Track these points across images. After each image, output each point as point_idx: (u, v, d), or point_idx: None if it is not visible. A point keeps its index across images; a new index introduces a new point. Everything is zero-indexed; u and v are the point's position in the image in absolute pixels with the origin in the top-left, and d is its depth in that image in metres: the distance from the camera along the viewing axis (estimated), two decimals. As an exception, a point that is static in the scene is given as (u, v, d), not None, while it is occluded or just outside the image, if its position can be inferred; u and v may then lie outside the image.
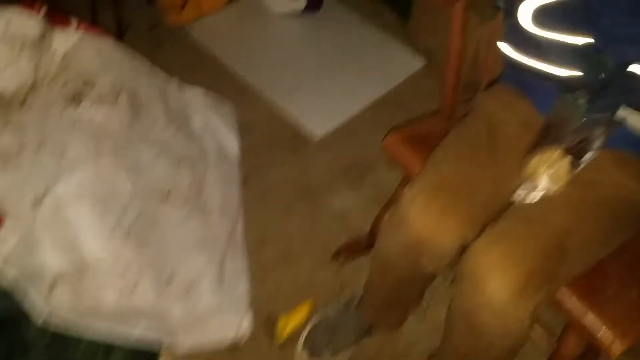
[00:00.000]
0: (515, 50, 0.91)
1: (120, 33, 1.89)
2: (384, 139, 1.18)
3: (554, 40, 0.82)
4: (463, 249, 0.92)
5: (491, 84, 1.14)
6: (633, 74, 0.77)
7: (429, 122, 1.20)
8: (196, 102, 1.57)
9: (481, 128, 1.00)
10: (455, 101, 1.17)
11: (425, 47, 1.94)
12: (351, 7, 2.12)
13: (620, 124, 0.79)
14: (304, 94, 1.85)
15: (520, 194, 0.84)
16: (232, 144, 1.57)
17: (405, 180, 1.18)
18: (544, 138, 0.82)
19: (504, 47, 0.92)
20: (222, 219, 1.35)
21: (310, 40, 2.05)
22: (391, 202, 1.28)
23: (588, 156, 0.78)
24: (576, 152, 0.78)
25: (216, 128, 1.56)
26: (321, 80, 1.90)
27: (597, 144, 0.78)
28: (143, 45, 1.86)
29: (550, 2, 0.81)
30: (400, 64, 1.95)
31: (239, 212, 1.44)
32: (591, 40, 0.79)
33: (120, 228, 1.17)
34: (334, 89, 1.88)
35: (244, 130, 1.66)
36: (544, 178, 0.79)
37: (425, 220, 0.92)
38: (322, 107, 1.82)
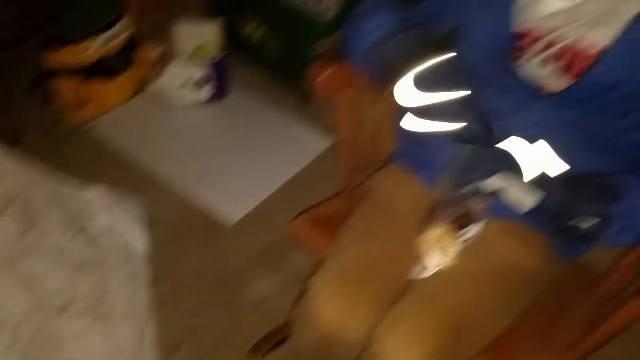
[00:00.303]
0: (409, 121, 0.92)
1: (15, 138, 1.81)
2: (290, 224, 1.17)
3: (438, 99, 0.83)
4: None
5: (387, 162, 1.17)
6: (504, 150, 0.80)
7: (333, 204, 1.21)
8: (99, 201, 1.52)
9: (378, 209, 1.01)
10: (356, 181, 1.19)
11: (329, 127, 1.99)
12: (257, 92, 2.16)
13: (496, 194, 0.81)
14: (214, 181, 1.84)
15: (415, 271, 0.85)
16: (139, 241, 1.51)
17: (317, 265, 1.16)
18: (433, 214, 0.83)
19: (400, 120, 0.94)
20: (129, 324, 1.27)
21: (218, 127, 2.06)
22: (303, 291, 1.26)
23: (474, 229, 0.80)
24: (461, 226, 0.80)
25: (121, 226, 1.50)
26: (231, 165, 1.90)
27: (479, 216, 0.80)
28: (43, 147, 1.81)
29: (425, 68, 0.82)
30: (308, 144, 1.99)
31: (148, 315, 1.37)
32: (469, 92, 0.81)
33: (14, 351, 1.08)
34: (244, 173, 1.87)
35: (154, 225, 1.61)
36: (435, 254, 0.80)
37: (333, 313, 0.91)
38: (234, 192, 1.81)
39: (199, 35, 2.08)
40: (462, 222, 0.80)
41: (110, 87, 1.99)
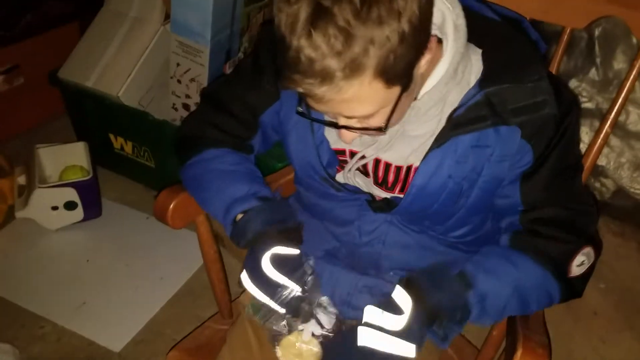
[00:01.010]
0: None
1: None
2: (167, 356, 1.12)
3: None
4: None
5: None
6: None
7: (210, 328, 1.18)
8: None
9: (245, 331, 1.01)
10: (229, 300, 1.17)
11: (214, 232, 1.97)
12: (133, 206, 2.11)
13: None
14: (93, 309, 1.74)
15: None
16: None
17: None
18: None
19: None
20: None
21: (95, 247, 1.98)
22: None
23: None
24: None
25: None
26: (112, 287, 1.82)
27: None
28: None
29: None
30: (191, 253, 1.95)
31: None
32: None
33: None
34: (126, 294, 1.80)
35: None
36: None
37: None
38: (116, 318, 1.72)
39: (66, 158, 2.03)
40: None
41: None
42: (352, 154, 0.89)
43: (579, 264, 0.86)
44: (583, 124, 2.00)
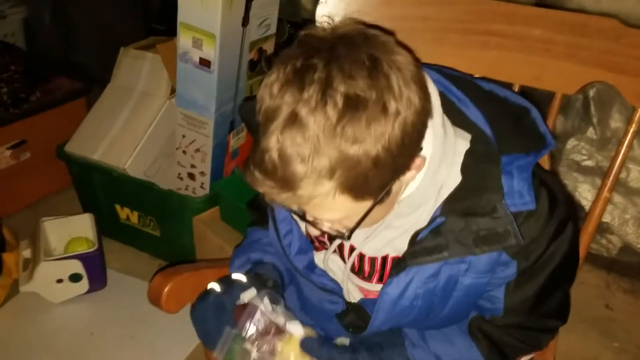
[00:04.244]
0: None
1: None
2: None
3: None
4: None
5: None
6: None
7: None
8: None
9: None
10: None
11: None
12: (138, 276, 2.10)
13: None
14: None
15: None
16: None
17: None
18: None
19: None
20: None
21: (100, 320, 1.95)
22: None
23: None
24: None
25: None
26: (118, 358, 1.79)
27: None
28: None
29: None
30: (197, 322, 1.93)
31: None
32: None
33: None
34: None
35: None
36: None
37: None
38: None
39: (71, 230, 2.04)
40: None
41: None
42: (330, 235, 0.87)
43: (527, 358, 0.91)
44: (584, 181, 2.02)
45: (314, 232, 0.76)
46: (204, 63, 1.73)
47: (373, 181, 0.64)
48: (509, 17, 1.01)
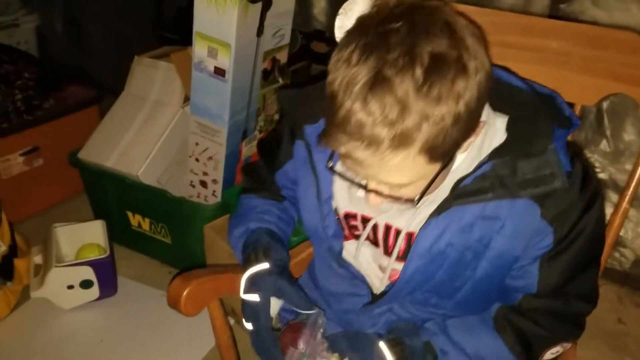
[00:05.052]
0: None
1: None
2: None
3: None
4: None
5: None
6: None
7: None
8: None
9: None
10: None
11: (230, 308, 1.96)
12: (149, 283, 2.11)
13: None
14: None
15: None
16: None
17: None
18: None
19: None
20: None
21: (110, 327, 1.95)
22: None
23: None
24: None
25: None
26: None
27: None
28: None
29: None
30: (208, 330, 1.91)
31: None
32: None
33: None
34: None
35: None
36: None
37: None
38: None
39: (83, 236, 2.05)
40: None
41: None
42: (364, 219, 0.89)
43: (553, 352, 0.89)
44: (597, 194, 2.01)
45: (376, 201, 0.76)
46: (219, 72, 1.75)
47: (449, 140, 0.67)
48: (526, 29, 1.01)
